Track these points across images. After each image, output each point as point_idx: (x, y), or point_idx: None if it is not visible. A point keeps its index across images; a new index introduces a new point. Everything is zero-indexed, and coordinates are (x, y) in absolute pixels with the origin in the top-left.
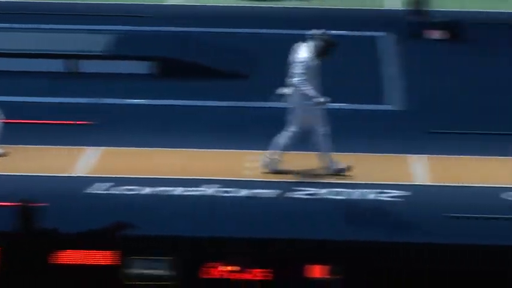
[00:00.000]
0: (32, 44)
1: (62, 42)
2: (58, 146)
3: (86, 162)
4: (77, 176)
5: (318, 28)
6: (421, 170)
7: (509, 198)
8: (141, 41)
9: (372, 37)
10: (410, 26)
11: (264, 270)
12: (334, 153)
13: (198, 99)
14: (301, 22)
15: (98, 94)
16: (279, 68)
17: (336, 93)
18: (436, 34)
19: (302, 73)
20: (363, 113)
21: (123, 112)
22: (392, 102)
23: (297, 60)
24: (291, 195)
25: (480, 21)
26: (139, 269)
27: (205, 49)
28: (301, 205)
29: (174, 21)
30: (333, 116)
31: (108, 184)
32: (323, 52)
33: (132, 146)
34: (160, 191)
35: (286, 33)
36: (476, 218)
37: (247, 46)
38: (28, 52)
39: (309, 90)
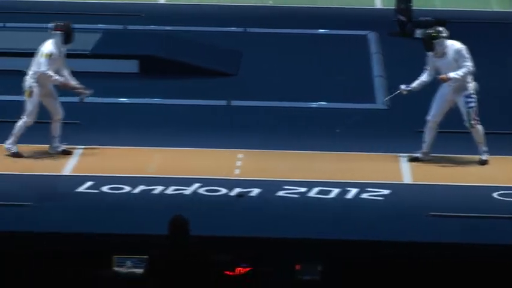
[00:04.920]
0: (15, 43)
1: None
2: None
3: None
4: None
5: None
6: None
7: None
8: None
9: (362, 36)
10: (397, 24)
11: None
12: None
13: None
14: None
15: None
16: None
17: (326, 91)
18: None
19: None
20: (350, 111)
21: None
22: (379, 101)
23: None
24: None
25: (464, 20)
26: None
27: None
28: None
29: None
30: (322, 115)
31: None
32: None
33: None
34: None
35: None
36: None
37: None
38: (15, 51)
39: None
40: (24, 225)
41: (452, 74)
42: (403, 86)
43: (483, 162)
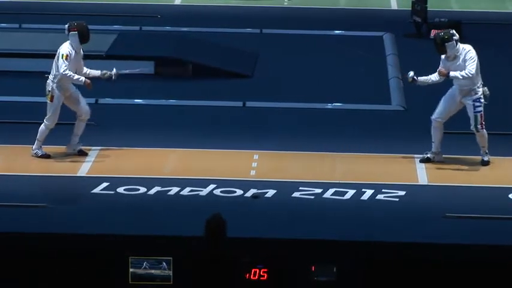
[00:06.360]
0: (31, 44)
1: (59, 42)
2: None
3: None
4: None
5: None
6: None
7: None
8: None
9: (377, 37)
10: (413, 26)
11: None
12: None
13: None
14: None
15: (99, 94)
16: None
17: (341, 93)
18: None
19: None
20: (366, 113)
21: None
22: (394, 102)
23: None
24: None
25: (480, 21)
26: None
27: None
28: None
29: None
30: (337, 116)
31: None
32: None
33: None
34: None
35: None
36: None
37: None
38: (30, 52)
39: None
40: (40, 227)
41: (452, 73)
42: (411, 73)
43: (486, 163)
